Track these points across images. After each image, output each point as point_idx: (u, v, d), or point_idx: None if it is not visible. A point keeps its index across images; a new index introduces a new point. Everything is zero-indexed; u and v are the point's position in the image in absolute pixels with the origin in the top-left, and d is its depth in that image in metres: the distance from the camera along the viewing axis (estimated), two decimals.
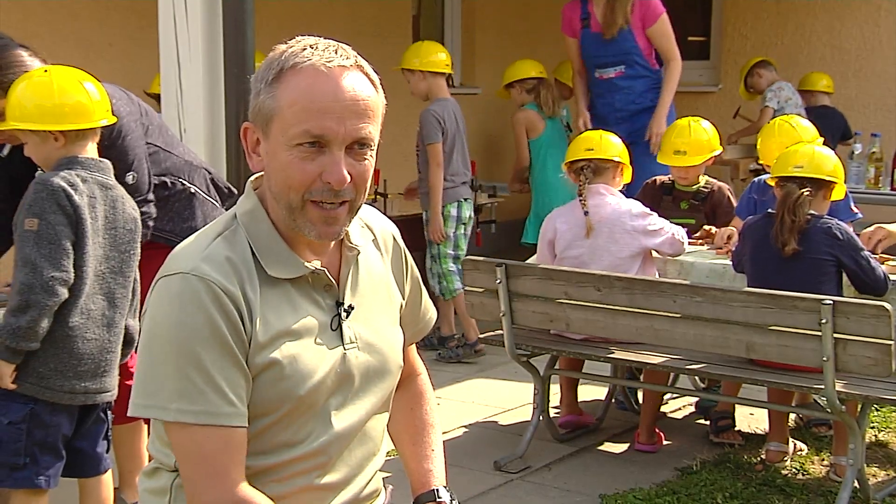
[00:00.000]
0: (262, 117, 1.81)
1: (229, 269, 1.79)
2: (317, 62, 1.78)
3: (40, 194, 3.01)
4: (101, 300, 3.13)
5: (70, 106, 3.11)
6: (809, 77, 7.87)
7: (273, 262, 1.84)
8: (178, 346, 1.75)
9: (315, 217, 1.81)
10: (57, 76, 3.16)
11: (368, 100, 1.80)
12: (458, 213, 5.93)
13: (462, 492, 3.28)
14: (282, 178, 1.80)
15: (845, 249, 3.97)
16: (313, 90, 1.76)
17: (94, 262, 3.09)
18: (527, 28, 8.78)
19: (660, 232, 4.48)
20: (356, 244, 1.94)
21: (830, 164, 4.16)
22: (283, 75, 1.78)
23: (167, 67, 4.31)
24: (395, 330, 2.04)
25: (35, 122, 3.10)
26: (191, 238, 1.89)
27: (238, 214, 1.88)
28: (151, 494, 1.92)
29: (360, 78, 1.80)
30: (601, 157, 4.59)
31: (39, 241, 2.97)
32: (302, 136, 1.76)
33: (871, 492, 3.98)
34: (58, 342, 3.03)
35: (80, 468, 3.29)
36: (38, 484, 3.09)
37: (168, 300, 1.79)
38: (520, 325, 4.47)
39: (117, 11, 6.25)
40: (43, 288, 2.94)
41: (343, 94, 1.77)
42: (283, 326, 1.83)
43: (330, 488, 1.91)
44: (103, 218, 3.13)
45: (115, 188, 3.20)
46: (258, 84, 1.82)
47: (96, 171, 3.14)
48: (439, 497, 2.05)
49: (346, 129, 1.77)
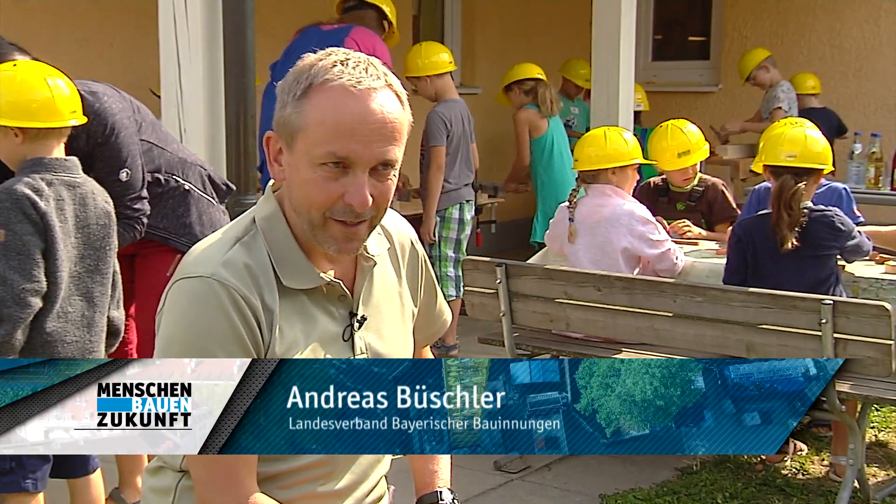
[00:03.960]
0: (287, 130, 1.78)
1: (248, 278, 1.78)
2: (346, 82, 1.74)
3: (4, 204, 2.92)
4: (78, 301, 3.07)
5: (34, 102, 3.01)
6: (795, 79, 7.76)
7: (290, 273, 1.82)
8: (197, 347, 1.73)
9: (336, 233, 1.79)
10: (22, 71, 3.06)
11: (396, 122, 1.77)
12: (461, 215, 5.92)
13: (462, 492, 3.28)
14: (303, 195, 1.78)
15: (846, 239, 3.99)
16: (341, 111, 1.73)
17: (68, 264, 3.03)
18: (527, 28, 8.78)
19: (659, 244, 4.44)
20: (373, 254, 1.92)
21: (820, 147, 4.16)
22: (312, 91, 1.75)
23: (167, 67, 4.31)
24: (406, 339, 2.03)
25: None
26: (209, 240, 1.86)
27: (257, 219, 1.85)
28: (155, 493, 1.91)
29: (389, 97, 1.77)
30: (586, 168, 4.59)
31: (7, 253, 2.90)
32: (327, 157, 1.74)
33: (870, 492, 3.98)
34: (36, 349, 2.97)
35: (68, 469, 3.26)
36: (25, 487, 3.06)
37: (187, 303, 1.76)
38: (520, 325, 4.47)
39: (117, 11, 6.25)
40: (15, 301, 2.88)
41: (371, 116, 1.74)
42: (296, 336, 1.82)
43: (335, 495, 1.90)
44: (73, 218, 3.05)
45: (84, 184, 3.11)
46: (285, 96, 1.79)
47: (62, 171, 3.04)
48: (442, 499, 2.04)
49: (372, 152, 1.74)
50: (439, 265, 5.92)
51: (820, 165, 4.10)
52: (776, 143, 4.17)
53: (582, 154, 4.61)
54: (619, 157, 4.58)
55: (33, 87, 3.03)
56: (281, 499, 1.81)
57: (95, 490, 3.32)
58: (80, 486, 3.30)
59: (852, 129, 7.38)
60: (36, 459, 3.05)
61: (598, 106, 5.95)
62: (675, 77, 9.39)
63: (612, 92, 5.88)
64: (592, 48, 5.93)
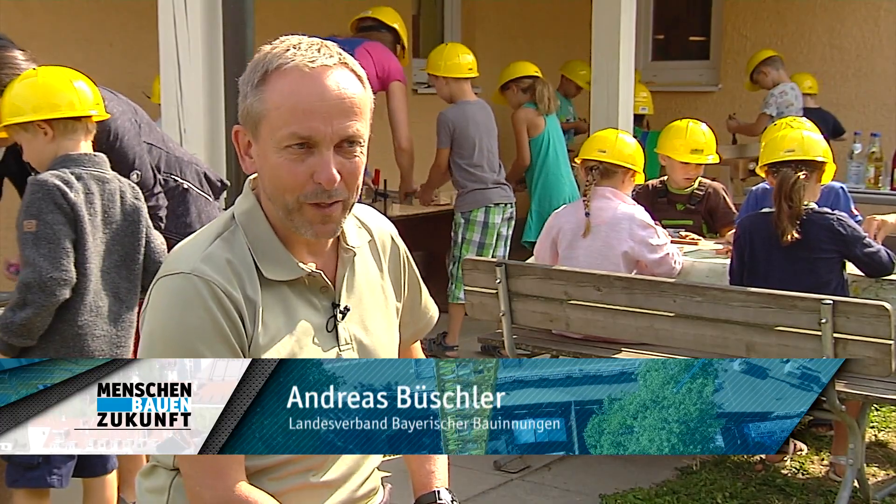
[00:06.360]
0: (251, 120, 1.82)
1: (230, 272, 1.80)
2: (300, 62, 1.77)
3: (36, 195, 3.00)
4: (107, 296, 3.13)
5: (57, 98, 3.10)
6: (792, 79, 7.73)
7: (270, 265, 1.84)
8: (180, 344, 1.75)
9: (311, 216, 1.81)
10: (44, 73, 3.17)
11: (355, 97, 1.79)
12: (487, 218, 5.92)
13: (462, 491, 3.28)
14: (274, 181, 1.81)
15: (850, 242, 3.98)
16: (298, 92, 1.76)
17: (97, 258, 3.09)
18: (527, 28, 8.78)
19: (658, 248, 4.43)
20: (352, 245, 1.94)
21: (820, 147, 4.17)
22: (268, 77, 1.79)
23: (167, 68, 4.31)
24: (391, 332, 2.04)
25: (22, 115, 3.09)
26: (190, 238, 1.89)
27: (236, 214, 1.88)
28: (149, 493, 1.93)
29: (345, 75, 1.80)
30: (611, 160, 4.57)
31: (38, 242, 2.97)
32: (290, 139, 1.77)
33: (870, 491, 3.98)
34: (68, 341, 3.04)
35: (89, 467, 3.29)
36: (50, 483, 3.09)
37: (169, 299, 1.79)
38: (520, 325, 4.47)
39: (117, 11, 6.25)
40: (40, 287, 2.95)
41: (328, 93, 1.77)
42: (279, 327, 1.83)
43: (326, 486, 1.91)
44: (102, 213, 3.12)
45: (113, 181, 3.18)
46: (245, 87, 1.83)
47: (91, 165, 3.12)
48: (440, 499, 2.04)
49: (333, 128, 1.77)
50: (457, 267, 5.90)
51: (820, 157, 4.11)
52: (775, 144, 4.19)
53: (614, 148, 4.59)
54: (638, 162, 4.63)
55: (56, 87, 3.13)
56: (273, 490, 1.82)
57: (109, 490, 3.35)
58: (95, 486, 3.33)
59: (852, 129, 7.37)
60: (62, 456, 3.08)
61: (598, 106, 5.94)
62: (675, 77, 9.39)
63: (612, 92, 5.87)
64: (592, 48, 5.93)
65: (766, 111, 7.42)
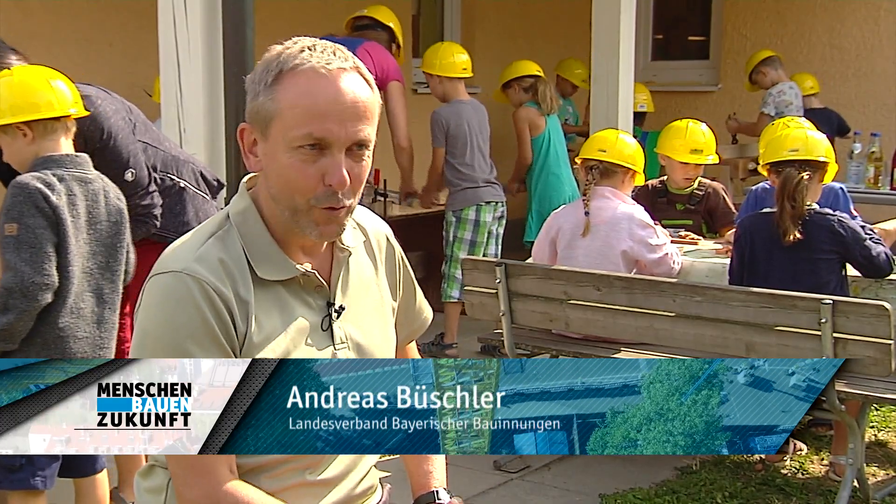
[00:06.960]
0: (261, 119, 1.81)
1: (222, 271, 1.80)
2: (316, 64, 1.78)
3: (17, 198, 2.95)
4: (90, 297, 3.10)
5: (36, 98, 3.05)
6: (792, 79, 7.71)
7: (264, 264, 1.84)
8: (170, 342, 1.75)
9: (319, 217, 1.81)
10: (20, 73, 3.12)
11: (367, 102, 1.80)
12: (477, 216, 5.92)
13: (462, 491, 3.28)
14: (283, 181, 1.80)
15: (850, 244, 3.98)
16: (314, 92, 1.77)
17: (79, 260, 3.06)
18: (527, 28, 8.78)
19: (657, 248, 4.43)
20: (347, 245, 1.95)
21: (822, 147, 4.17)
22: (283, 77, 1.78)
23: (167, 67, 4.31)
24: (387, 331, 2.04)
25: (0, 117, 3.05)
26: (183, 237, 1.89)
27: (231, 214, 1.88)
28: (147, 493, 1.93)
29: (358, 80, 1.81)
30: (611, 160, 4.57)
31: (20, 247, 2.93)
32: (304, 139, 1.77)
33: (870, 491, 3.98)
34: (50, 344, 3.00)
35: (76, 468, 3.27)
36: (34, 485, 3.07)
37: (160, 298, 1.79)
38: (520, 325, 4.47)
39: (117, 11, 6.25)
40: (22, 293, 2.91)
41: (343, 96, 1.77)
42: (274, 327, 1.83)
43: (323, 484, 1.91)
44: (85, 214, 3.08)
45: (96, 181, 3.13)
46: (256, 86, 1.82)
47: (73, 166, 3.08)
48: (439, 499, 2.05)
49: (346, 131, 1.77)
50: (449, 266, 5.92)
51: (822, 157, 4.11)
52: (778, 143, 4.19)
53: (614, 148, 4.59)
54: (638, 162, 4.62)
55: (33, 87, 3.08)
56: (270, 488, 1.82)
57: (101, 490, 3.33)
58: (86, 486, 3.31)
59: (852, 129, 7.38)
60: (45, 457, 3.06)
61: (597, 106, 5.94)
62: (675, 77, 9.39)
63: (611, 92, 5.87)
64: (592, 48, 5.93)
65: (764, 111, 7.42)
